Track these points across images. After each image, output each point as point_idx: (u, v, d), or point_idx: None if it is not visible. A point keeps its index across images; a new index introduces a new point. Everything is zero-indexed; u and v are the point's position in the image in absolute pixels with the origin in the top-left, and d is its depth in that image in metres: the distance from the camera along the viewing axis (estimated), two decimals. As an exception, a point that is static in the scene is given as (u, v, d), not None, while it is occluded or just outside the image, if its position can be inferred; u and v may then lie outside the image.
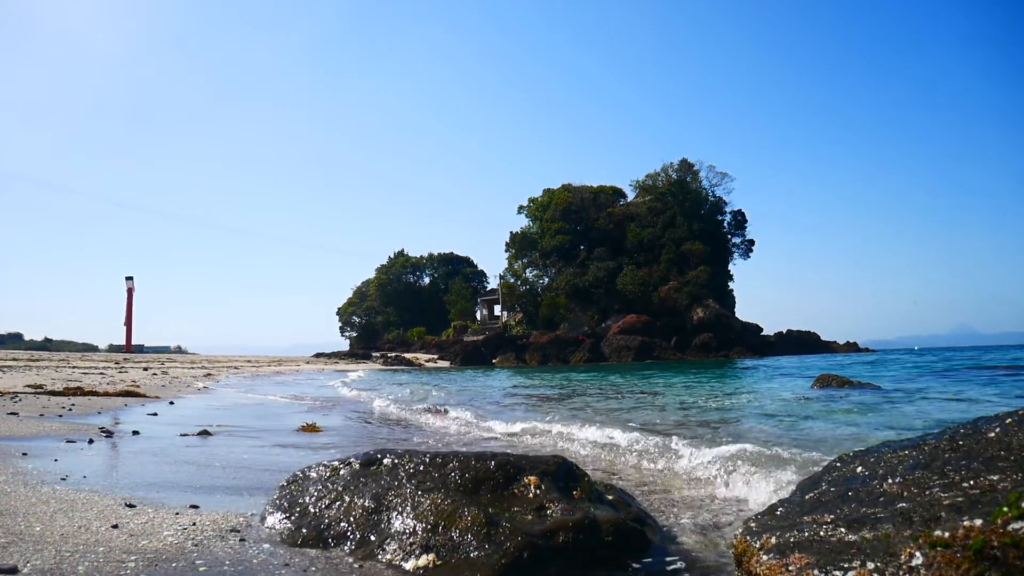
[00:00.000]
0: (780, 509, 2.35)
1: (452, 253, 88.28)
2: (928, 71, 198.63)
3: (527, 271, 65.52)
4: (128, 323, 73.75)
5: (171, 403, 10.16)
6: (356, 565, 2.41)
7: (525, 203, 68.11)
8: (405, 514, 2.63)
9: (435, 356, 56.23)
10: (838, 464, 2.64)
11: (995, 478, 1.93)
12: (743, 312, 64.42)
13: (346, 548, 2.57)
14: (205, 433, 6.17)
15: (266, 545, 2.57)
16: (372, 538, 2.58)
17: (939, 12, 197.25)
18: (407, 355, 55.92)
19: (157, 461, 4.53)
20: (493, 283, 74.72)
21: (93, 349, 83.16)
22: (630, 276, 56.69)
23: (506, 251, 66.84)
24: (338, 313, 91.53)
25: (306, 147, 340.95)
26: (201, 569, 2.24)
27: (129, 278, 75.06)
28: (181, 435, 6.05)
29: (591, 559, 2.46)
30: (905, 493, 2.06)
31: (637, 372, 24.28)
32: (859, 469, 2.46)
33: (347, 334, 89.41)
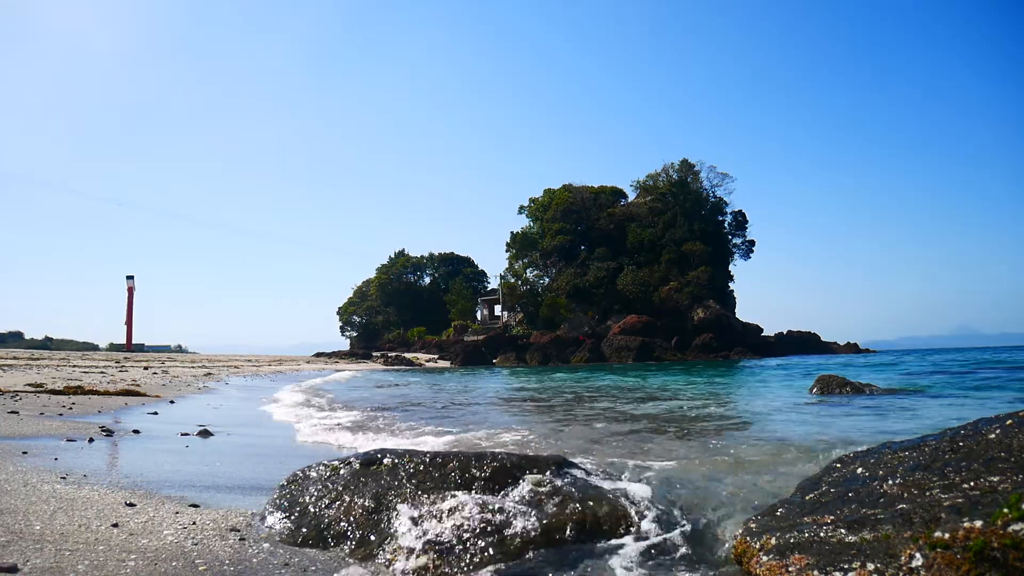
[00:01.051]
0: (780, 510, 2.35)
1: (452, 253, 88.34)
2: (929, 71, 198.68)
3: (528, 271, 65.57)
4: (129, 322, 73.79)
5: (171, 402, 10.16)
6: (356, 565, 2.41)
7: (525, 203, 68.23)
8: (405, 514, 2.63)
9: (435, 356, 56.23)
10: (838, 465, 2.64)
11: (995, 479, 1.93)
12: (743, 313, 64.52)
13: (346, 548, 2.57)
14: (206, 432, 6.17)
15: (266, 544, 2.57)
16: (372, 538, 2.58)
17: (939, 12, 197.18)
18: (407, 355, 55.94)
19: (157, 460, 4.53)
20: (494, 283, 74.84)
21: (94, 348, 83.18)
22: (631, 276, 56.71)
23: (506, 251, 66.95)
24: (338, 313, 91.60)
25: (306, 147, 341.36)
26: (201, 568, 2.24)
27: (130, 277, 75.12)
28: (182, 434, 6.05)
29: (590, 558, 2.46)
30: (905, 494, 2.06)
31: (634, 373, 24.28)
32: (859, 470, 2.46)
33: (347, 334, 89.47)
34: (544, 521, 2.57)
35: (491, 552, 2.38)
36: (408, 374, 29.55)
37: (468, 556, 2.38)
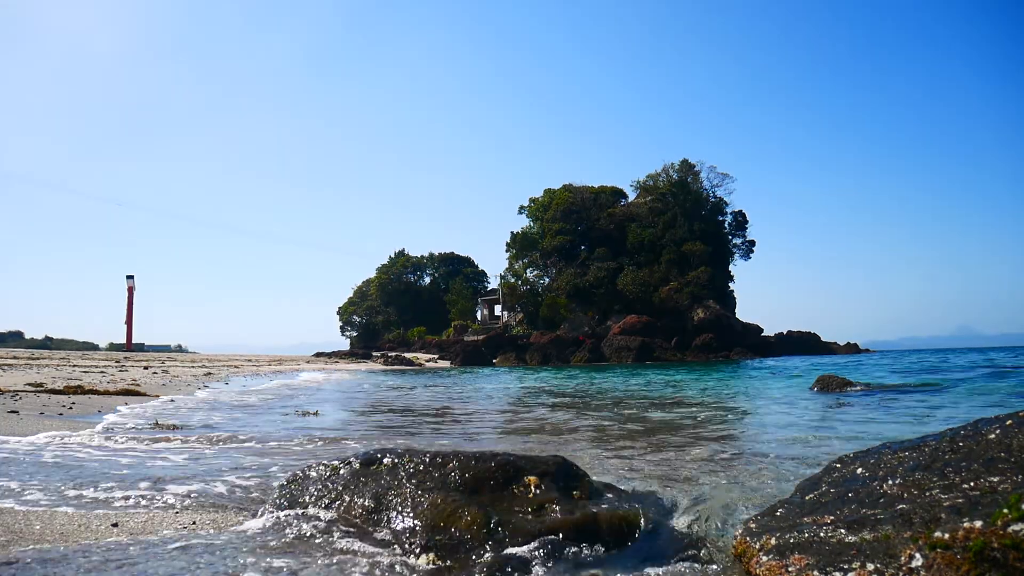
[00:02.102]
0: (780, 510, 2.35)
1: (453, 253, 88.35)
2: (929, 71, 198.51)
3: (528, 271, 65.59)
4: (129, 322, 73.78)
5: (171, 401, 10.16)
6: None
7: (526, 203, 68.24)
8: (405, 514, 2.63)
9: (435, 356, 56.22)
10: (838, 465, 2.64)
11: (995, 480, 1.93)
12: (743, 313, 64.50)
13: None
14: (206, 429, 6.18)
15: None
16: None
17: (939, 12, 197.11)
18: (407, 355, 55.93)
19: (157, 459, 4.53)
20: (494, 283, 74.87)
21: (94, 348, 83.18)
22: (631, 276, 56.72)
23: (507, 251, 66.96)
24: (339, 313, 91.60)
25: (306, 147, 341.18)
26: (200, 567, 2.24)
27: (130, 277, 75.12)
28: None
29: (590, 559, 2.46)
30: (905, 494, 2.06)
31: (633, 373, 24.29)
32: (859, 470, 2.46)
33: (347, 334, 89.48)
34: (544, 522, 2.57)
35: (490, 551, 2.39)
36: (400, 375, 29.54)
37: (469, 555, 2.38)
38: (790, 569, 1.89)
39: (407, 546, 2.46)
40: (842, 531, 1.96)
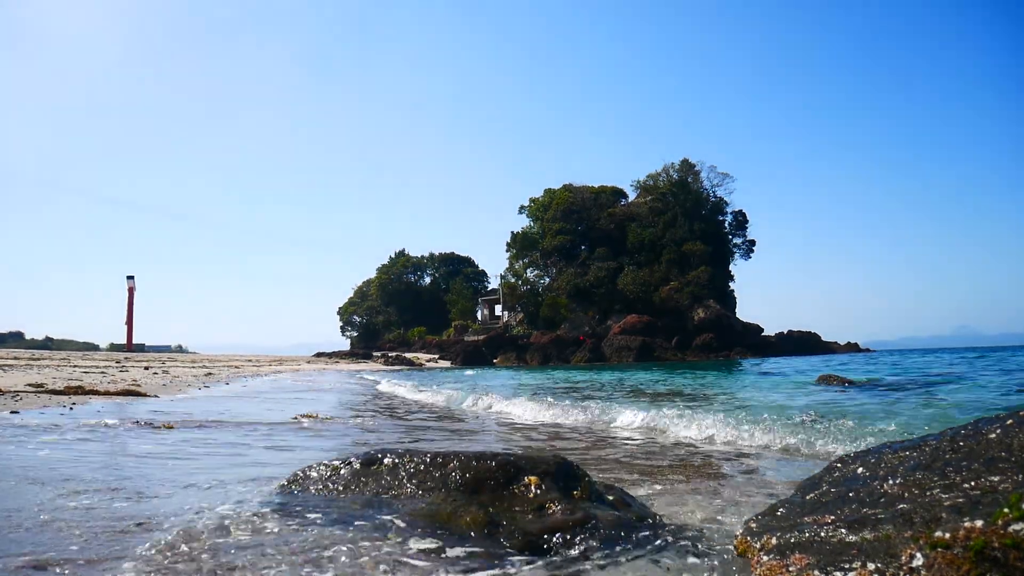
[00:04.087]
0: (781, 510, 2.35)
1: (453, 253, 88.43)
2: (929, 70, 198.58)
3: (528, 271, 65.65)
4: (129, 322, 73.87)
5: (171, 402, 10.17)
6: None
7: (526, 203, 68.28)
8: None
9: (436, 356, 56.26)
10: (839, 465, 2.64)
11: (996, 479, 1.93)
12: (744, 312, 64.44)
13: (346, 547, 2.57)
14: (202, 427, 6.18)
15: (266, 544, 2.57)
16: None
17: (939, 11, 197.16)
18: (408, 355, 55.96)
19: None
20: (494, 283, 74.96)
21: (94, 348, 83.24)
22: (631, 276, 56.76)
23: (507, 251, 67.02)
24: (339, 313, 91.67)
25: (306, 147, 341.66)
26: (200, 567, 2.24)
27: (130, 277, 75.25)
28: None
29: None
30: (906, 494, 2.06)
31: (632, 372, 24.30)
32: (860, 470, 2.46)
33: (348, 334, 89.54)
34: (544, 522, 2.57)
35: (490, 550, 2.39)
36: (396, 374, 29.55)
37: (469, 553, 2.38)
38: (791, 569, 1.89)
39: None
40: (843, 531, 1.96)
